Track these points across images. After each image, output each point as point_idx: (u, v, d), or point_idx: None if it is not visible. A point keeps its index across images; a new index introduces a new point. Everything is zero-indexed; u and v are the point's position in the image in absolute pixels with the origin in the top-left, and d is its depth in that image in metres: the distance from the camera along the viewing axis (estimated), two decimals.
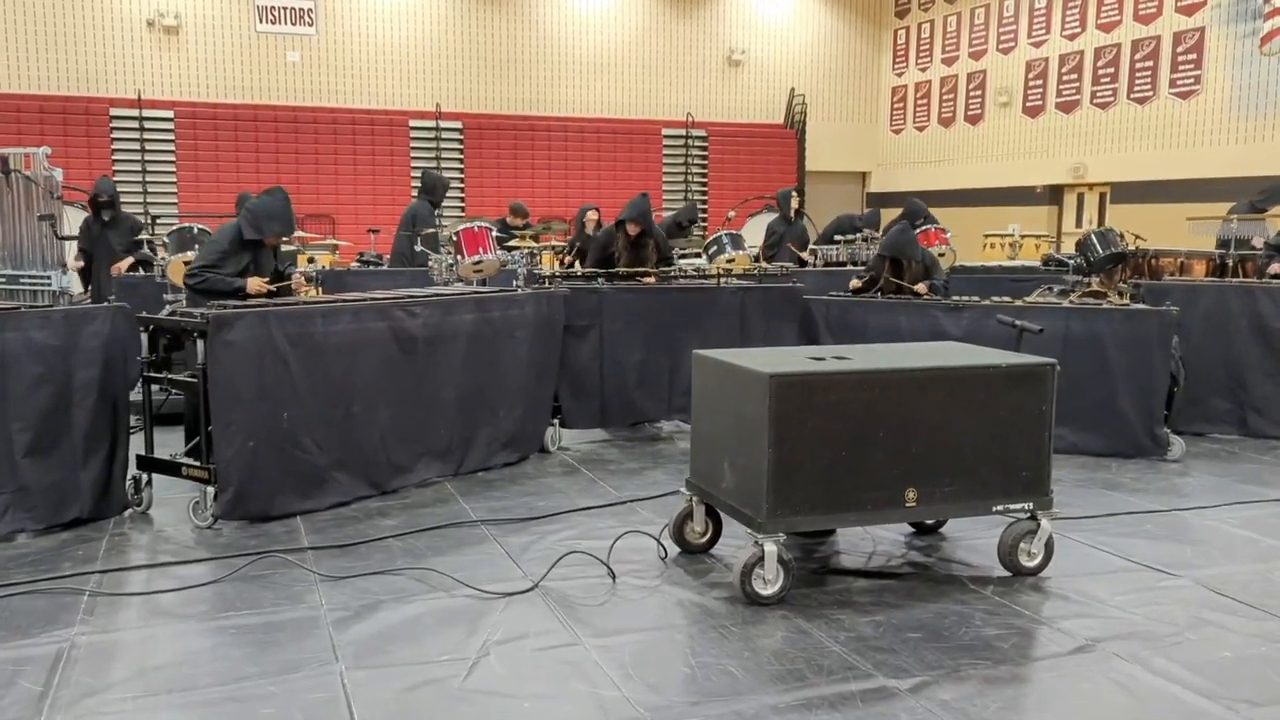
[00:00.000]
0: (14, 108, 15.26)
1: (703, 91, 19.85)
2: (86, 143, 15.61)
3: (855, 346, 4.67)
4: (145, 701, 3.11)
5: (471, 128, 17.84)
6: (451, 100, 17.90)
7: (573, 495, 5.35)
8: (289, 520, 4.82)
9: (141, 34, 16.27)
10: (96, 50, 16.02)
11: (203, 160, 16.18)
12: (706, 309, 6.48)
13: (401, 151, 17.45)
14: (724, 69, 20.03)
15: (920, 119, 20.44)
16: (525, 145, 18.15)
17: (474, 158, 17.87)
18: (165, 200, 16.02)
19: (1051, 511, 4.32)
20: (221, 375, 4.58)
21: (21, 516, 4.49)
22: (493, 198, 17.74)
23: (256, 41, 16.93)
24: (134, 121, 15.87)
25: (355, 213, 16.71)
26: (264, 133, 16.52)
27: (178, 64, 16.49)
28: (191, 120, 16.19)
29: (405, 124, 17.46)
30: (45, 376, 4.53)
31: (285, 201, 5.54)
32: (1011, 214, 17.29)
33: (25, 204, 7.21)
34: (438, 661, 3.43)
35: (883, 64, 21.22)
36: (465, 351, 5.53)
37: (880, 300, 6.78)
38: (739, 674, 3.40)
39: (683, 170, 19.40)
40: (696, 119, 19.50)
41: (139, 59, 16.26)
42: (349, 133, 17.03)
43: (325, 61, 17.26)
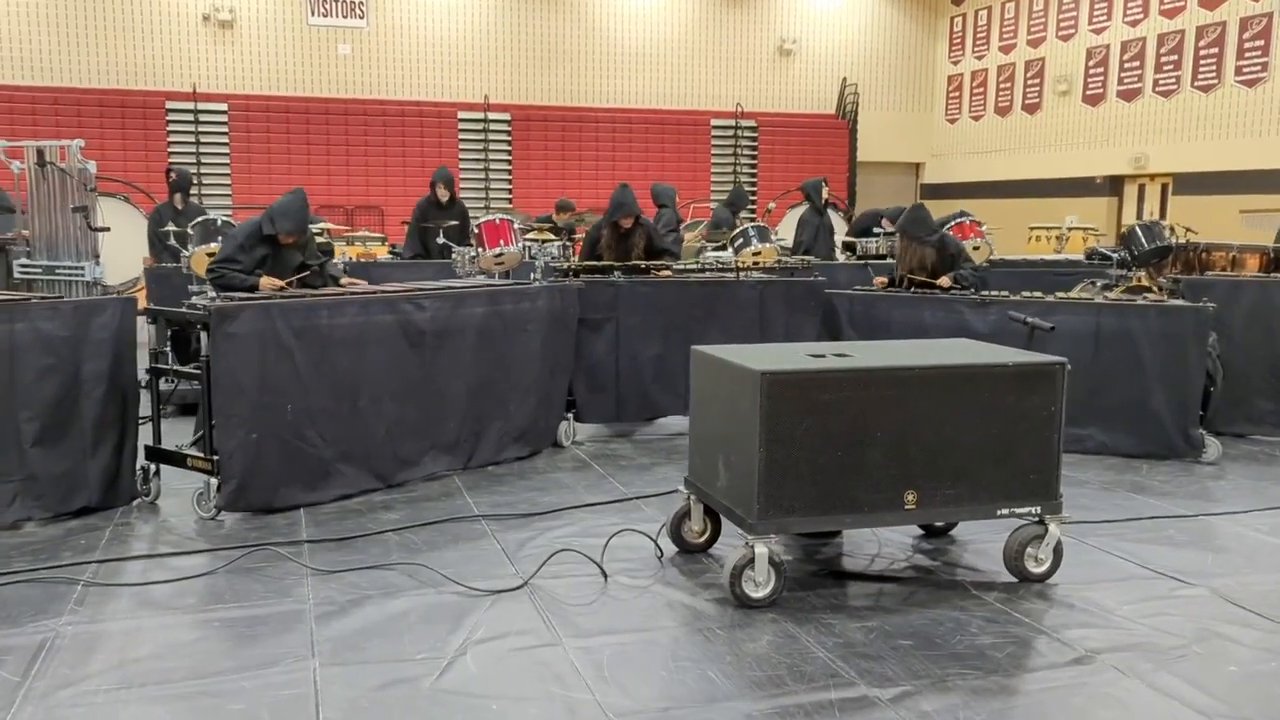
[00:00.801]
0: (74, 101, 15.61)
1: (753, 82, 19.67)
2: (144, 136, 15.91)
3: (859, 343, 4.56)
4: (117, 694, 3.13)
5: (519, 119, 17.87)
6: (500, 92, 17.95)
7: (579, 491, 5.30)
8: (292, 512, 4.83)
9: (197, 28, 16.54)
10: (153, 45, 16.31)
11: (255, 153, 16.42)
12: (725, 303, 6.39)
13: (450, 143, 17.54)
14: (774, 59, 19.82)
15: (976, 108, 20.04)
16: (573, 137, 18.14)
17: (521, 149, 17.90)
18: (219, 192, 16.28)
19: (1060, 516, 4.17)
20: (224, 367, 4.60)
21: (29, 505, 4.56)
22: (539, 190, 17.79)
23: (308, 35, 17.12)
24: (189, 115, 16.15)
25: (404, 204, 16.76)
26: (315, 125, 16.71)
27: (232, 58, 16.74)
28: (245, 113, 16.43)
29: (454, 116, 17.55)
30: (54, 367, 4.59)
31: (301, 201, 5.57)
32: (1070, 205, 16.87)
33: (60, 196, 7.33)
34: (414, 660, 3.40)
35: (938, 52, 20.84)
36: (475, 345, 5.50)
37: (904, 295, 6.63)
38: (717, 679, 3.33)
39: (731, 161, 19.25)
40: (746, 109, 19.34)
41: (194, 53, 16.53)
42: (398, 125, 17.16)
43: (375, 54, 17.41)
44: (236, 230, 5.74)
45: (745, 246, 7.35)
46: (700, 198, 17.06)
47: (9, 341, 4.46)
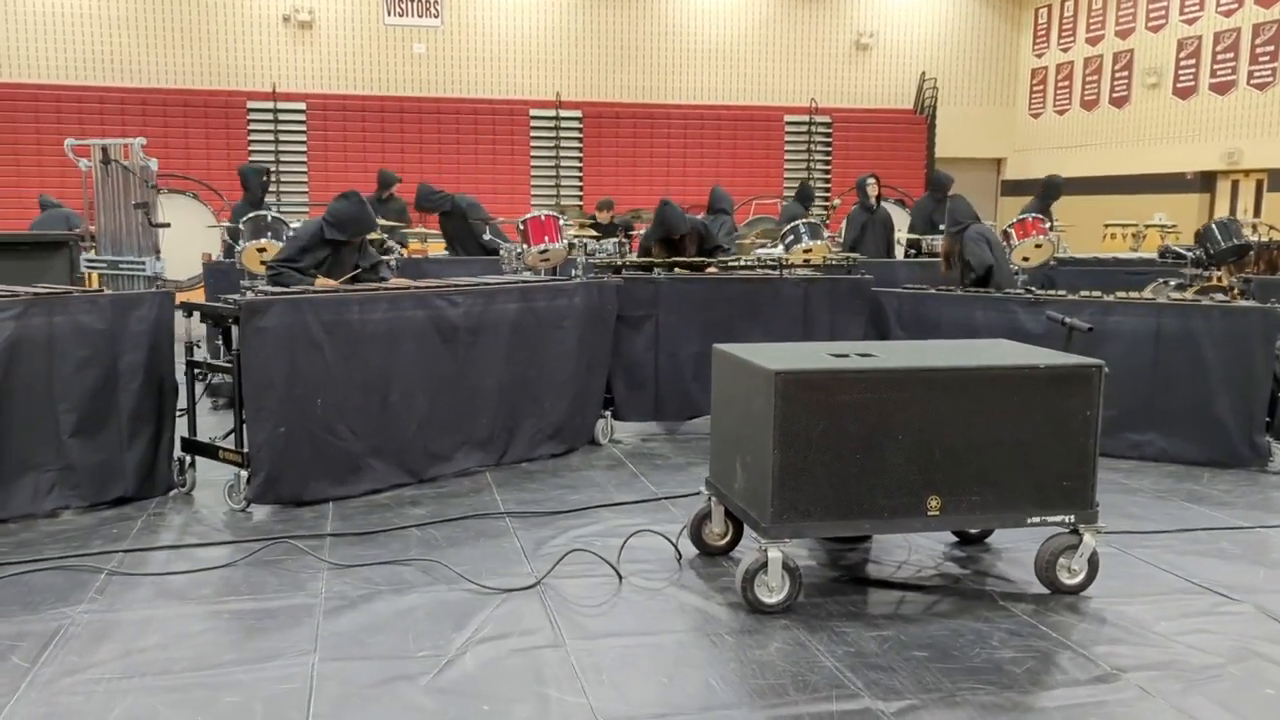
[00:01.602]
0: (160, 101, 16.08)
1: (828, 77, 19.41)
2: (225, 134, 16.32)
3: (888, 344, 4.42)
4: (118, 684, 3.17)
5: (591, 116, 17.90)
6: (572, 89, 18.00)
7: (609, 490, 5.25)
8: (321, 506, 4.87)
9: (277, 29, 16.90)
10: (235, 46, 16.71)
11: (331, 150, 16.72)
12: (768, 301, 6.27)
13: (522, 140, 17.65)
14: (851, 53, 19.52)
15: (1061, 102, 19.48)
16: (644, 133, 18.11)
17: (593, 146, 17.93)
18: (297, 190, 16.63)
19: (1096, 526, 3.99)
20: (254, 361, 4.65)
21: (67, 494, 4.67)
22: (610, 186, 17.78)
23: (385, 34, 17.38)
24: (268, 114, 16.51)
25: None
26: (389, 123, 16.95)
27: (310, 58, 17.07)
28: (322, 112, 16.74)
29: (525, 113, 17.65)
30: (92, 359, 4.69)
31: (359, 206, 5.64)
32: (1159, 203, 16.31)
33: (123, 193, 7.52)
34: (414, 657, 3.39)
35: (1021, 44, 20.31)
36: (509, 341, 5.48)
37: (955, 294, 6.44)
38: (717, 686, 3.24)
39: (805, 158, 19.02)
40: (820, 105, 19.08)
41: (275, 54, 16.89)
42: (470, 122, 17.32)
43: (449, 53, 17.59)
44: (300, 231, 5.84)
45: (796, 243, 7.21)
46: (768, 194, 16.86)
47: (48, 333, 4.57)
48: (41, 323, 4.56)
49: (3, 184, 15.15)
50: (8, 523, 4.54)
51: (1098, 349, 5.96)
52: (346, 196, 5.66)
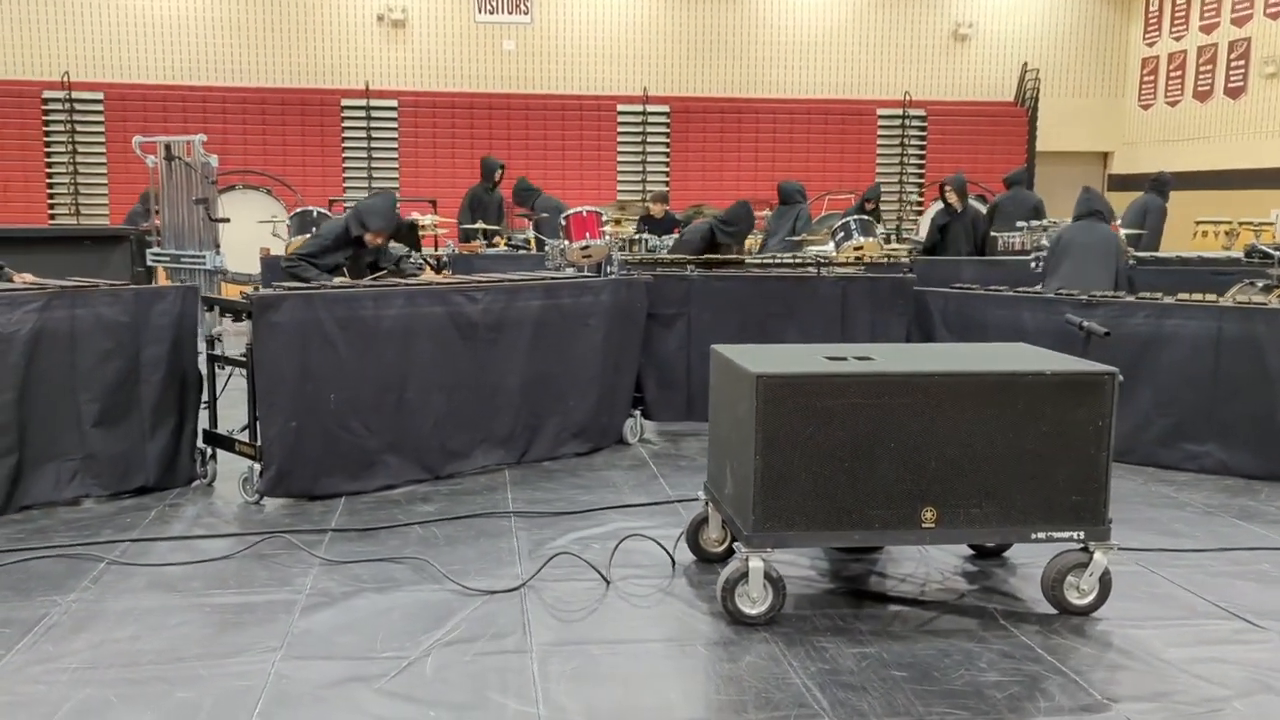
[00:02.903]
0: (259, 100, 16.56)
1: (923, 69, 18.89)
2: (320, 132, 16.72)
3: (886, 346, 4.23)
4: (81, 674, 3.22)
5: (678, 111, 17.78)
6: (659, 84, 17.90)
7: (624, 491, 5.17)
8: (333, 500, 4.90)
9: (371, 28, 17.23)
10: (330, 45, 17.09)
11: (421, 147, 16.98)
12: (805, 299, 6.09)
13: (609, 136, 17.64)
14: (948, 44, 18.96)
15: (1173, 93, 18.59)
16: (732, 128, 17.91)
17: (680, 141, 17.81)
18: (389, 186, 16.94)
19: (1107, 543, 3.74)
20: (265, 355, 4.71)
21: (89, 483, 4.80)
22: (697, 181, 17.69)
23: (475, 32, 17.55)
24: (361, 111, 16.84)
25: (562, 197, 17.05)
26: (478, 120, 17.13)
27: (402, 55, 17.36)
28: (413, 109, 17.01)
29: (613, 109, 17.63)
30: (114, 351, 4.81)
31: (392, 202, 5.69)
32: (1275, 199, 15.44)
33: (186, 189, 7.74)
34: (377, 658, 3.36)
35: (1131, 33, 19.43)
36: (531, 338, 5.44)
37: (1003, 294, 6.15)
38: (676, 698, 3.14)
39: (898, 152, 18.56)
40: (915, 98, 18.59)
41: (368, 52, 17.22)
42: (558, 118, 17.39)
43: (538, 49, 17.68)
44: (325, 230, 5.92)
45: (846, 240, 7.00)
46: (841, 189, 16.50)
47: (70, 326, 4.70)
48: (64, 315, 4.69)
49: (114, 181, 15.81)
50: (31, 509, 4.69)
51: (1155, 354, 5.66)
52: (381, 193, 5.72)
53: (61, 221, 15.57)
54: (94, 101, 15.97)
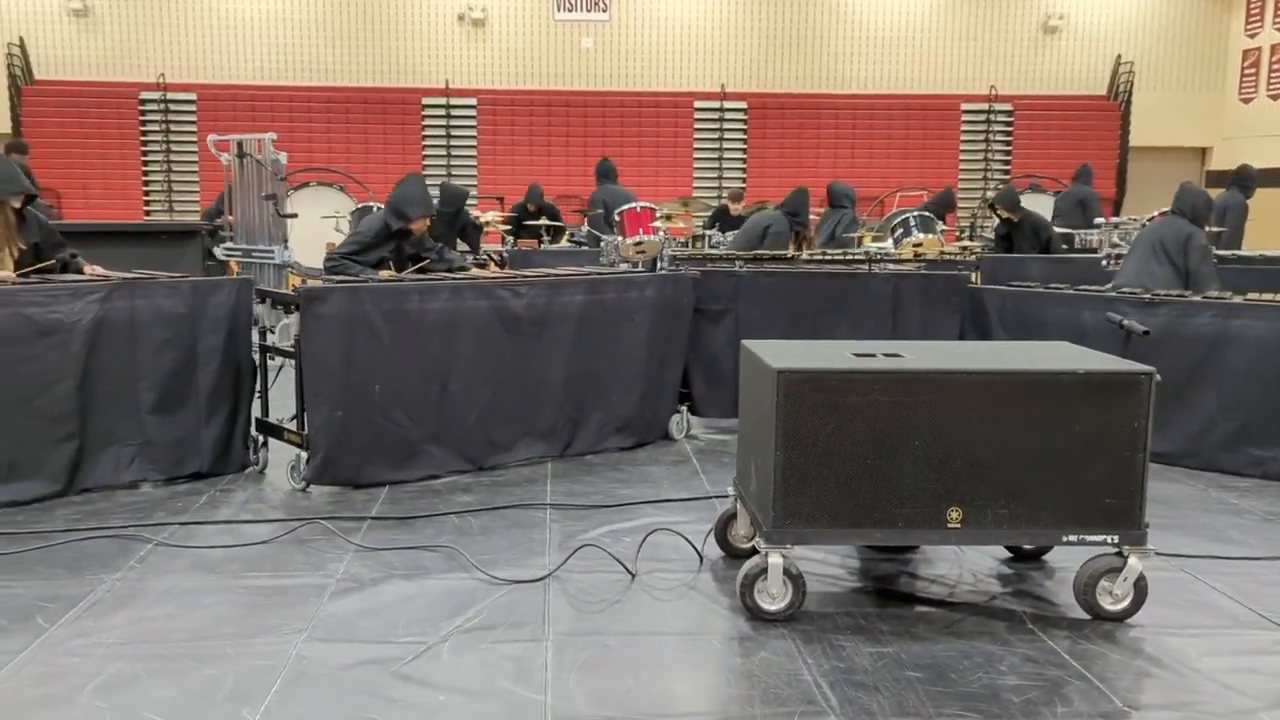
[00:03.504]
0: (344, 99, 16.96)
1: (1010, 62, 18.48)
2: (401, 130, 17.06)
3: (920, 344, 4.15)
4: (115, 649, 3.35)
5: (756, 107, 17.70)
6: (736, 80, 17.84)
7: (663, 486, 5.18)
8: (377, 489, 5.01)
9: (451, 27, 17.50)
10: (411, 44, 17.41)
11: (500, 145, 17.20)
12: (855, 296, 6.02)
13: (685, 133, 17.64)
14: (1037, 37, 18.52)
15: (1276, 85, 17.87)
16: (811, 124, 17.76)
17: (758, 138, 17.73)
18: (467, 183, 17.18)
19: (1144, 548, 3.64)
20: (312, 347, 4.83)
21: (146, 467, 4.99)
22: (774, 178, 17.56)
23: (554, 30, 17.71)
24: (441, 110, 17.13)
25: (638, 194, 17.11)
26: (555, 118, 17.29)
27: (482, 54, 17.60)
28: (492, 107, 17.24)
29: (690, 105, 17.63)
30: (171, 341, 4.99)
31: (421, 185, 5.77)
32: None
33: (257, 185, 8.00)
34: (396, 642, 3.43)
35: (1232, 24, 18.73)
36: (575, 333, 5.48)
37: (1063, 292, 6.00)
38: (682, 692, 3.15)
39: (983, 148, 18.19)
40: (1001, 92, 18.19)
41: (448, 51, 17.51)
42: (635, 115, 17.45)
43: (616, 46, 17.76)
44: (364, 227, 6.04)
45: (905, 237, 6.90)
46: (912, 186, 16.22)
47: (130, 316, 4.89)
48: (125, 306, 4.88)
49: (205, 178, 16.34)
50: (91, 491, 4.89)
51: (1220, 356, 5.47)
52: (404, 180, 5.81)
53: (156, 217, 16.15)
54: (187, 102, 16.53)
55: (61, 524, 4.49)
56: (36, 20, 16.65)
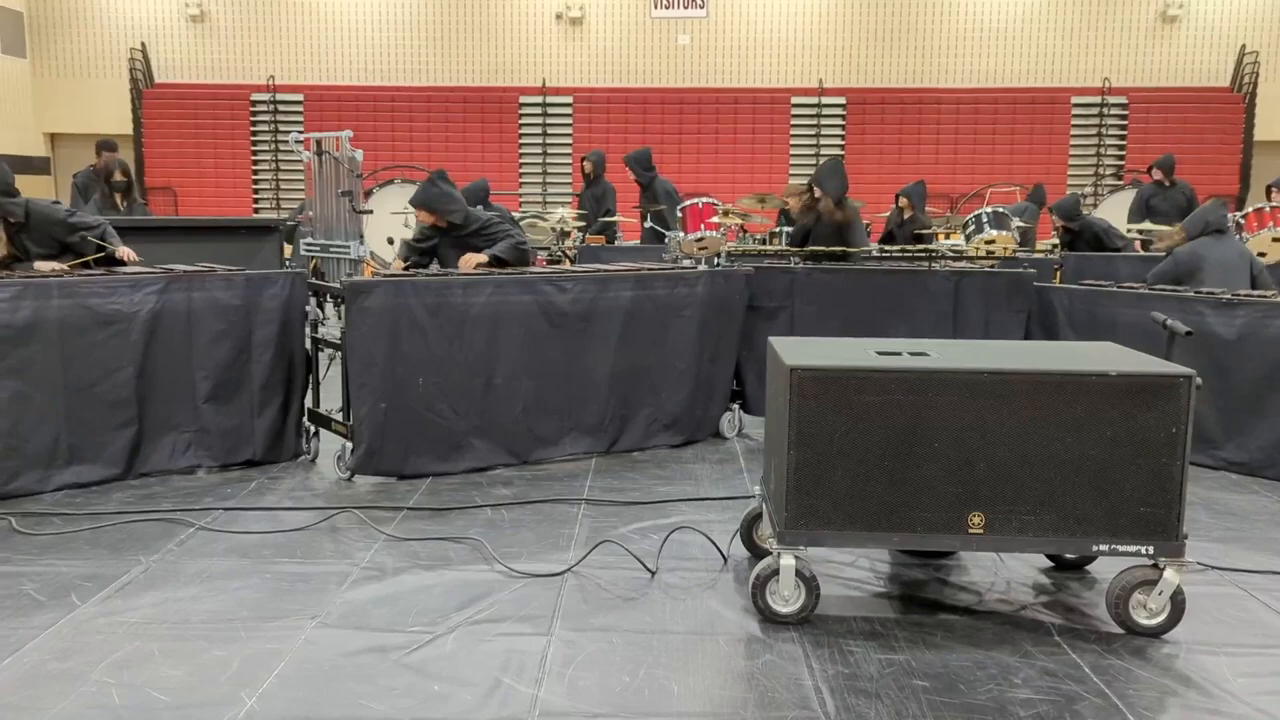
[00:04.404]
0: (443, 98, 17.30)
1: (1125, 54, 17.78)
2: (499, 128, 17.31)
3: (952, 342, 4.00)
4: (137, 628, 3.46)
5: (855, 103, 17.43)
6: (835, 75, 17.59)
7: (704, 484, 5.12)
8: (420, 480, 5.08)
9: (549, 27, 17.68)
10: (509, 44, 17.65)
11: (595, 142, 17.26)
12: (914, 295, 5.85)
13: (782, 129, 17.48)
14: (1155, 27, 17.77)
15: None
16: (912, 120, 17.40)
17: (856, 134, 17.45)
18: (561, 180, 17.36)
19: (1181, 560, 3.44)
20: (356, 340, 4.92)
21: (201, 454, 5.15)
22: (874, 175, 17.26)
23: (651, 27, 17.74)
24: (537, 108, 17.32)
25: (733, 191, 17.01)
26: (651, 114, 17.31)
27: (578, 52, 17.73)
28: (588, 105, 17.36)
29: (787, 101, 17.46)
30: (227, 332, 5.15)
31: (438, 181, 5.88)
32: None
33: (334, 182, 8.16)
34: (404, 631, 3.47)
35: None
36: (623, 328, 5.46)
37: (1135, 291, 5.72)
38: (678, 692, 3.10)
39: (1094, 143, 17.54)
40: (1114, 85, 17.52)
41: (545, 50, 17.69)
42: (730, 112, 17.36)
43: (713, 43, 17.69)
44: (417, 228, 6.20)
45: (978, 233, 6.68)
46: (1002, 182, 15.71)
47: (187, 308, 5.06)
48: (182, 297, 5.05)
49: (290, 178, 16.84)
50: (149, 476, 5.08)
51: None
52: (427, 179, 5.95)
53: (264, 213, 16.72)
54: (295, 103, 17.07)
55: (115, 506, 4.68)
56: (157, 26, 17.41)
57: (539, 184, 17.28)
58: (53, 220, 5.57)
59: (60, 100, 17.43)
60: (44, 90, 17.47)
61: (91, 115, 17.16)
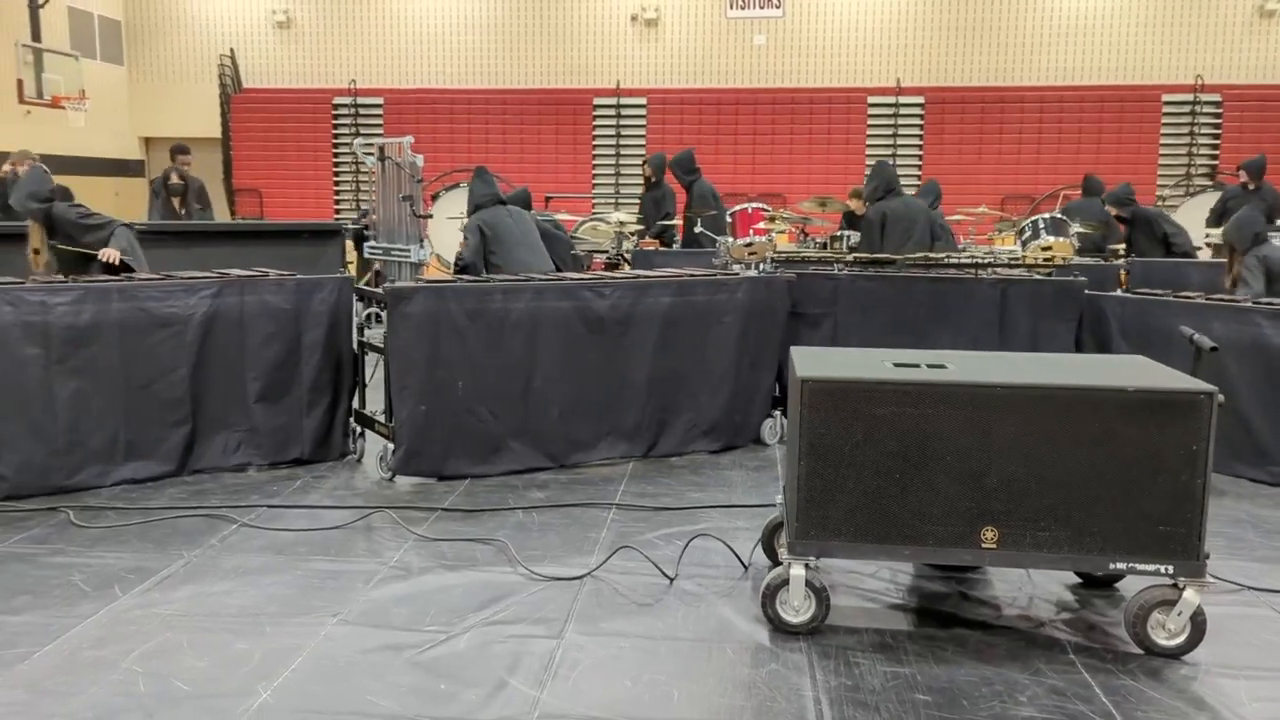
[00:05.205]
0: (518, 101, 17.51)
1: (1220, 49, 17.19)
2: (573, 130, 17.46)
3: (967, 354, 3.95)
4: (170, 620, 3.63)
5: (933, 102, 17.16)
6: (912, 74, 17.35)
7: (737, 491, 5.13)
8: (458, 481, 5.20)
9: (624, 28, 17.77)
10: (584, 46, 17.79)
11: (669, 144, 17.29)
12: (960, 303, 5.77)
13: (858, 129, 17.29)
14: (1251, 21, 17.15)
15: None
16: (993, 119, 17.06)
17: (934, 134, 17.18)
18: (634, 182, 17.42)
19: (1201, 580, 3.36)
20: (398, 344, 5.06)
21: (251, 452, 5.34)
22: (953, 175, 16.98)
23: (726, 27, 17.71)
24: (611, 110, 17.43)
25: (807, 191, 16.90)
26: (725, 115, 17.29)
27: (653, 54, 17.79)
28: (662, 106, 17.41)
29: (863, 101, 17.26)
30: (277, 335, 5.33)
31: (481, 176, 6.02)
32: None
33: (396, 187, 8.38)
34: (420, 630, 3.57)
35: None
36: (661, 334, 5.51)
37: (1193, 301, 5.56)
38: (678, 698, 3.14)
39: (1186, 142, 17.00)
40: (1208, 82, 16.95)
41: (620, 51, 17.78)
42: (806, 112, 17.24)
43: (788, 42, 17.59)
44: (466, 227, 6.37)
45: (1033, 239, 6.56)
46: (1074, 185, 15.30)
47: (239, 311, 5.25)
48: (235, 301, 5.24)
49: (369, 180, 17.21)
50: (201, 473, 5.28)
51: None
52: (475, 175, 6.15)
53: (344, 216, 17.14)
54: (375, 106, 17.45)
55: (167, 502, 4.88)
56: (246, 32, 17.96)
57: (611, 186, 17.38)
58: (68, 221, 5.90)
59: (154, 105, 18.09)
60: (139, 95, 18.15)
61: (183, 119, 17.77)
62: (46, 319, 4.84)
